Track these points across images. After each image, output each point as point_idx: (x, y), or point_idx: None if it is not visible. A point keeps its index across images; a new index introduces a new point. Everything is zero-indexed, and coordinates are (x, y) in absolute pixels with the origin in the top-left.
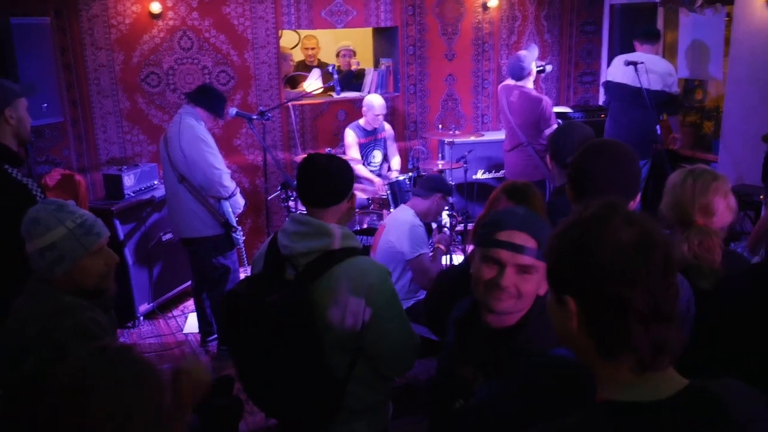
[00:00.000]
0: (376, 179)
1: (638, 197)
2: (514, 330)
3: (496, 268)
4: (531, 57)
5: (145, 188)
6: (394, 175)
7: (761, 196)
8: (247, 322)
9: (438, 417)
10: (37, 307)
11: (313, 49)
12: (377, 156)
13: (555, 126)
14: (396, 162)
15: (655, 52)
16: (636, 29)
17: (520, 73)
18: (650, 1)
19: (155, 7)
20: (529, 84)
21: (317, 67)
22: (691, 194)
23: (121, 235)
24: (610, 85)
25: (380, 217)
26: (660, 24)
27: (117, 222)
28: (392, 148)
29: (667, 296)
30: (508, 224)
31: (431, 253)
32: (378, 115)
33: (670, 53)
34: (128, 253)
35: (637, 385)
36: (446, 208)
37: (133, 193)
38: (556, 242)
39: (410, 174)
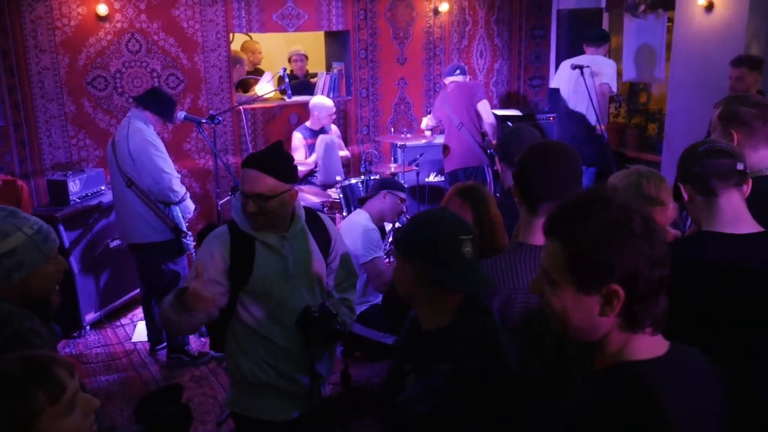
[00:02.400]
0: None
1: None
2: (445, 331)
3: None
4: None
5: (91, 194)
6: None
7: None
8: None
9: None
10: None
11: (260, 53)
12: None
13: (485, 101)
14: (343, 153)
15: (602, 54)
16: (585, 33)
17: (453, 70)
18: (596, 7)
19: (102, 9)
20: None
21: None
22: (648, 194)
23: (67, 243)
24: (556, 93)
25: (333, 221)
26: (605, 28)
27: (62, 229)
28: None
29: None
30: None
31: (388, 261)
32: (331, 114)
33: (615, 57)
34: (74, 260)
35: (642, 346)
36: (404, 209)
37: (79, 199)
38: (593, 237)
39: (362, 177)
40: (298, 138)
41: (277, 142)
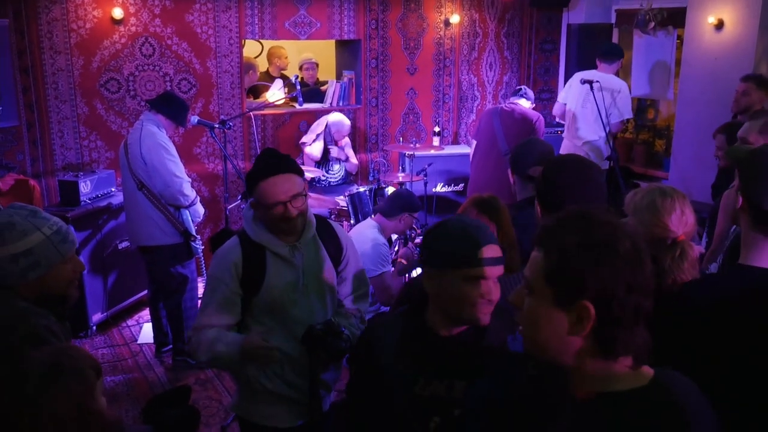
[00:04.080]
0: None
1: None
2: (471, 332)
3: (480, 284)
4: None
5: (101, 195)
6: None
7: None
8: None
9: None
10: None
11: (286, 58)
12: (336, 167)
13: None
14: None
15: (613, 71)
16: (598, 47)
17: (516, 93)
18: (606, 22)
19: (117, 13)
20: (523, 102)
21: (280, 78)
22: (673, 211)
23: (76, 246)
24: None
25: None
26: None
27: (72, 229)
28: (349, 152)
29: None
30: (482, 240)
31: (393, 269)
32: (346, 135)
33: (624, 73)
34: (83, 261)
35: (624, 377)
36: (414, 224)
37: (90, 200)
38: (574, 250)
39: (371, 186)
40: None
41: (267, 149)
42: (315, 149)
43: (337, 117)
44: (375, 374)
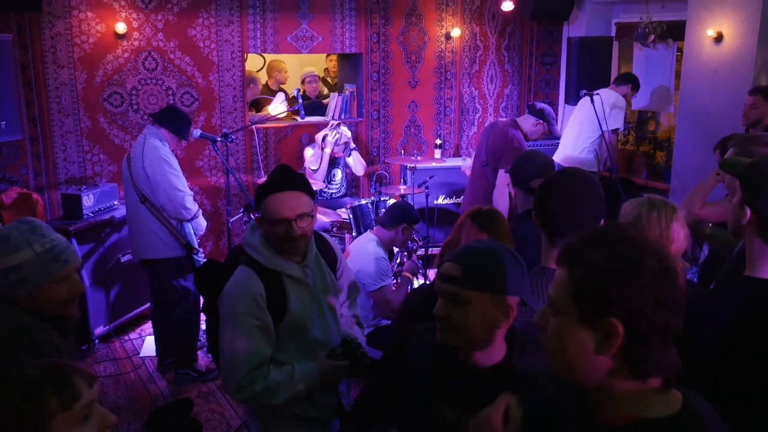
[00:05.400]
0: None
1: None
2: (500, 368)
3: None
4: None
5: (104, 208)
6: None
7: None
8: None
9: None
10: None
11: (285, 72)
12: (338, 175)
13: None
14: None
15: (620, 93)
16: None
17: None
18: (606, 35)
19: (120, 28)
20: (523, 123)
21: (280, 91)
22: (658, 226)
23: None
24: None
25: (342, 241)
26: (615, 57)
27: (75, 242)
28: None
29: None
30: (451, 256)
31: (395, 282)
32: (347, 142)
33: None
34: (85, 274)
35: (658, 402)
36: (414, 236)
37: (92, 213)
38: (599, 266)
39: (372, 199)
40: (309, 150)
41: (282, 165)
42: (308, 153)
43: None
44: (403, 384)
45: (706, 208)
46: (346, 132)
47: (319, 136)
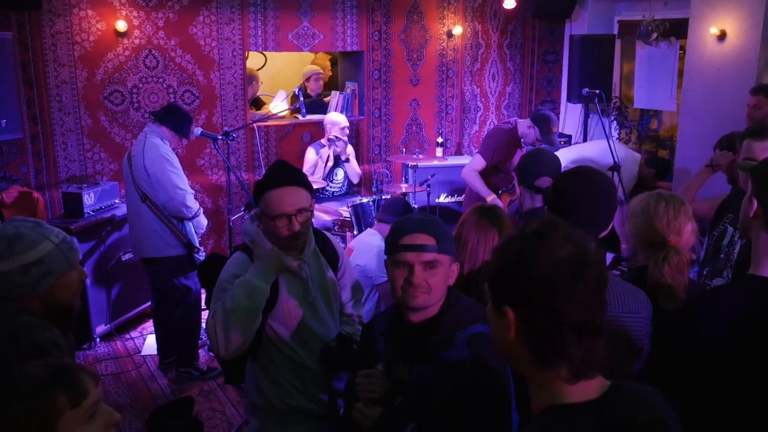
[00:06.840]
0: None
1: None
2: (435, 320)
3: (406, 270)
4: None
5: (105, 207)
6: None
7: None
8: None
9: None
10: None
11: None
12: (339, 174)
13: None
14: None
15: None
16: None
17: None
18: (608, 33)
19: (121, 26)
20: (520, 126)
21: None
22: (665, 216)
23: (80, 255)
24: None
25: (344, 240)
26: (617, 56)
27: (75, 241)
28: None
29: (599, 311)
30: (408, 229)
31: None
32: (344, 128)
33: (627, 84)
34: (86, 272)
35: (572, 390)
36: None
37: (93, 211)
38: (498, 255)
39: (374, 197)
40: (312, 152)
41: (280, 160)
42: (309, 154)
43: (330, 116)
44: (371, 350)
45: (696, 204)
46: (339, 145)
47: (323, 153)
